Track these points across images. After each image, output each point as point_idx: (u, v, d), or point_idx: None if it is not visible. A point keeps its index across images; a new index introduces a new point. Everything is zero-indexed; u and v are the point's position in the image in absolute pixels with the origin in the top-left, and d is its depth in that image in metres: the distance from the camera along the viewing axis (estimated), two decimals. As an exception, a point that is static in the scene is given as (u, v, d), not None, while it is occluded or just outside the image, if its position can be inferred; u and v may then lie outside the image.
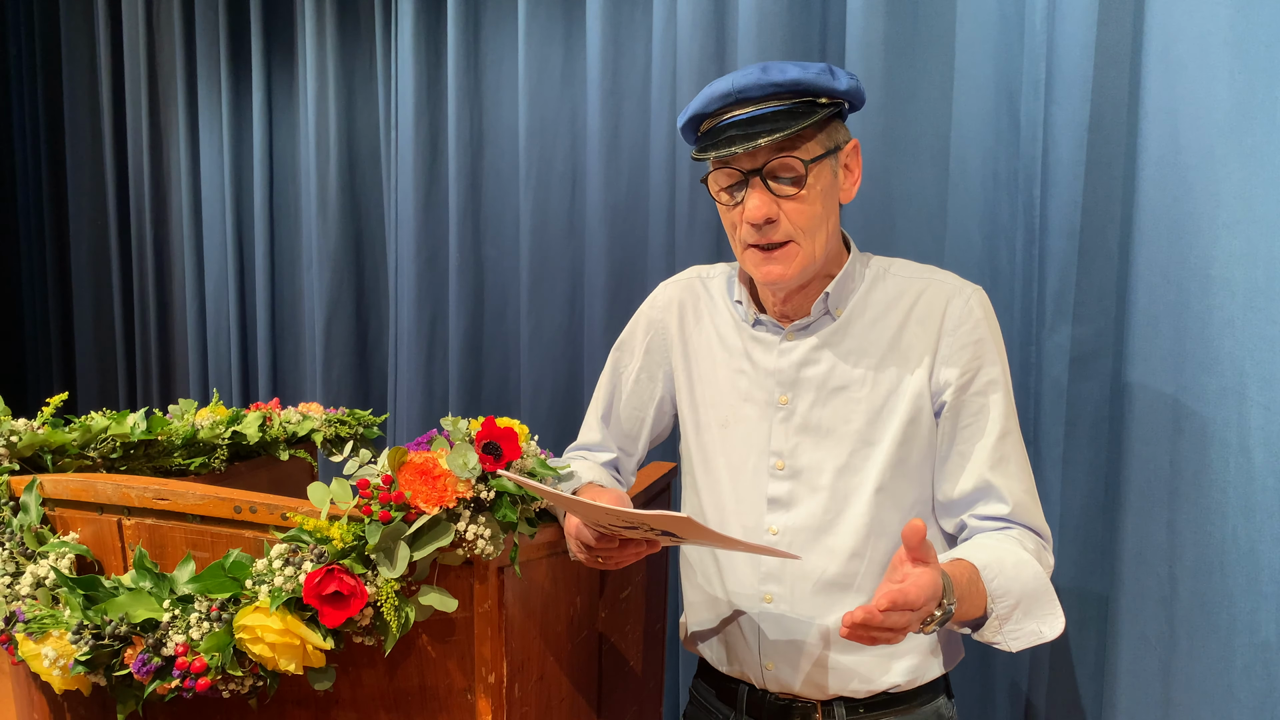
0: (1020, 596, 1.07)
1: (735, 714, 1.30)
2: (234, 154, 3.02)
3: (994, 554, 1.10)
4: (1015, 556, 1.11)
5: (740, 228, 1.17)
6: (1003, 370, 1.19)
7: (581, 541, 1.12)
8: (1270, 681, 1.23)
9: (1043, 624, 1.09)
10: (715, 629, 1.31)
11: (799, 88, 1.12)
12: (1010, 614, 1.08)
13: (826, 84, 1.13)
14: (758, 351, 1.26)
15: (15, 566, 1.20)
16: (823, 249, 1.18)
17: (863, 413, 1.20)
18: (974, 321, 1.18)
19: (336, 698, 1.17)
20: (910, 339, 1.20)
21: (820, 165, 1.15)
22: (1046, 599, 1.10)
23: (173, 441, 1.53)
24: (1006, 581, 1.07)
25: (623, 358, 1.41)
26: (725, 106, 1.15)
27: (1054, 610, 1.10)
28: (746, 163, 1.14)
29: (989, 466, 1.17)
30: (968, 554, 1.10)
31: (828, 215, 1.17)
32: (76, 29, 3.53)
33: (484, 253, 2.48)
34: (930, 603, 0.93)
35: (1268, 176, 1.22)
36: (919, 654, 1.22)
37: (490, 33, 2.43)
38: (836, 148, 1.17)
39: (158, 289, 3.36)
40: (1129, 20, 1.47)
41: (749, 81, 1.12)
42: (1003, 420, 1.17)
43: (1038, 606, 1.09)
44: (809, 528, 1.21)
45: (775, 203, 1.14)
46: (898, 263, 1.26)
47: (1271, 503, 1.22)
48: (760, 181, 1.14)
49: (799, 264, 1.16)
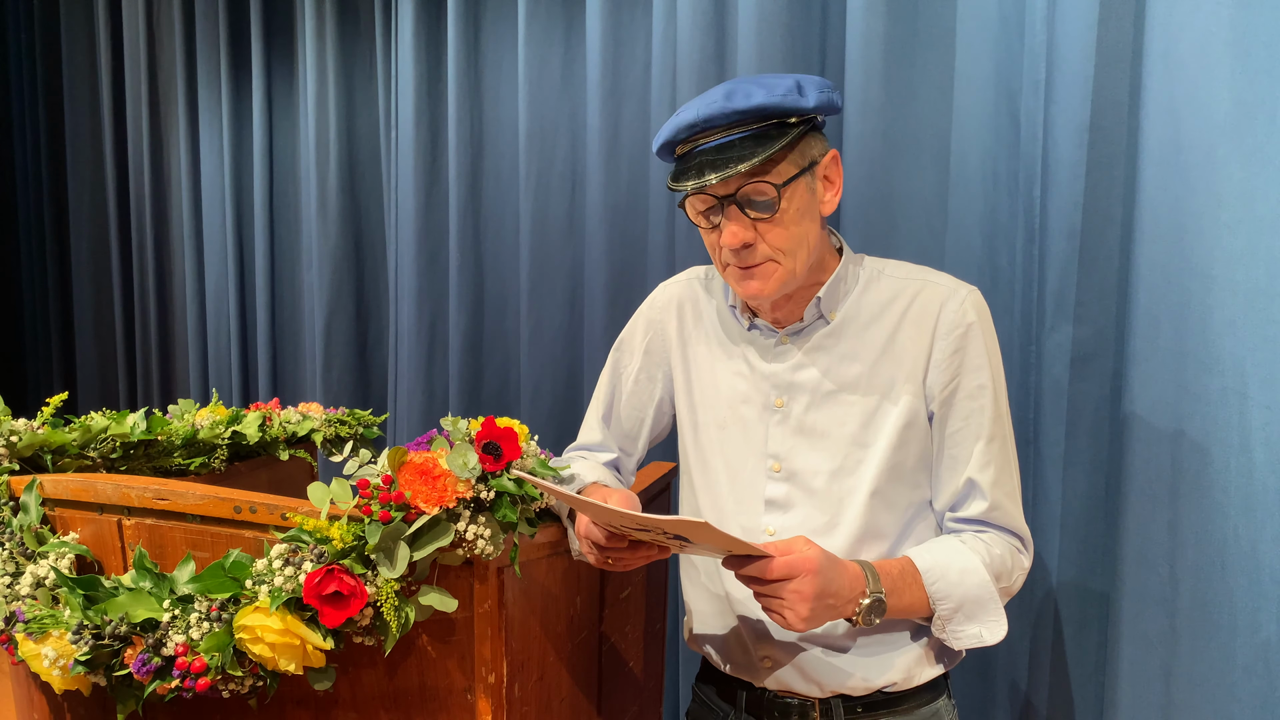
0: (961, 601, 1.14)
1: (735, 712, 1.31)
2: (234, 154, 3.02)
3: (939, 558, 1.15)
4: (962, 564, 1.15)
5: (720, 250, 1.18)
6: (994, 374, 1.19)
7: (592, 541, 1.13)
8: (1271, 680, 1.23)
9: (984, 628, 1.15)
10: (716, 628, 1.31)
11: (764, 112, 1.11)
12: (952, 616, 1.15)
13: (793, 104, 1.11)
14: (754, 354, 1.27)
15: (15, 566, 1.20)
16: (804, 264, 1.18)
17: (857, 416, 1.20)
18: (967, 325, 1.18)
19: (336, 698, 1.17)
20: (904, 342, 1.20)
21: (794, 186, 1.14)
22: (990, 606, 1.15)
23: (173, 441, 1.53)
24: (948, 587, 1.14)
25: (622, 358, 1.41)
26: (691, 137, 1.15)
27: (996, 617, 1.15)
28: (720, 190, 1.13)
29: (974, 469, 1.18)
30: (914, 554, 1.17)
31: (806, 233, 1.17)
32: (76, 29, 3.53)
33: (484, 253, 2.48)
34: (800, 579, 1.02)
35: (1269, 176, 1.22)
36: (917, 654, 1.22)
37: (490, 33, 2.43)
38: (812, 164, 1.16)
39: (158, 289, 3.36)
40: (1129, 20, 1.47)
41: (713, 111, 1.11)
42: (991, 424, 1.18)
43: (981, 612, 1.15)
44: (805, 529, 1.21)
45: (751, 227, 1.14)
46: (892, 264, 1.26)
47: (1272, 502, 1.22)
48: (736, 209, 1.13)
49: (778, 280, 1.17)
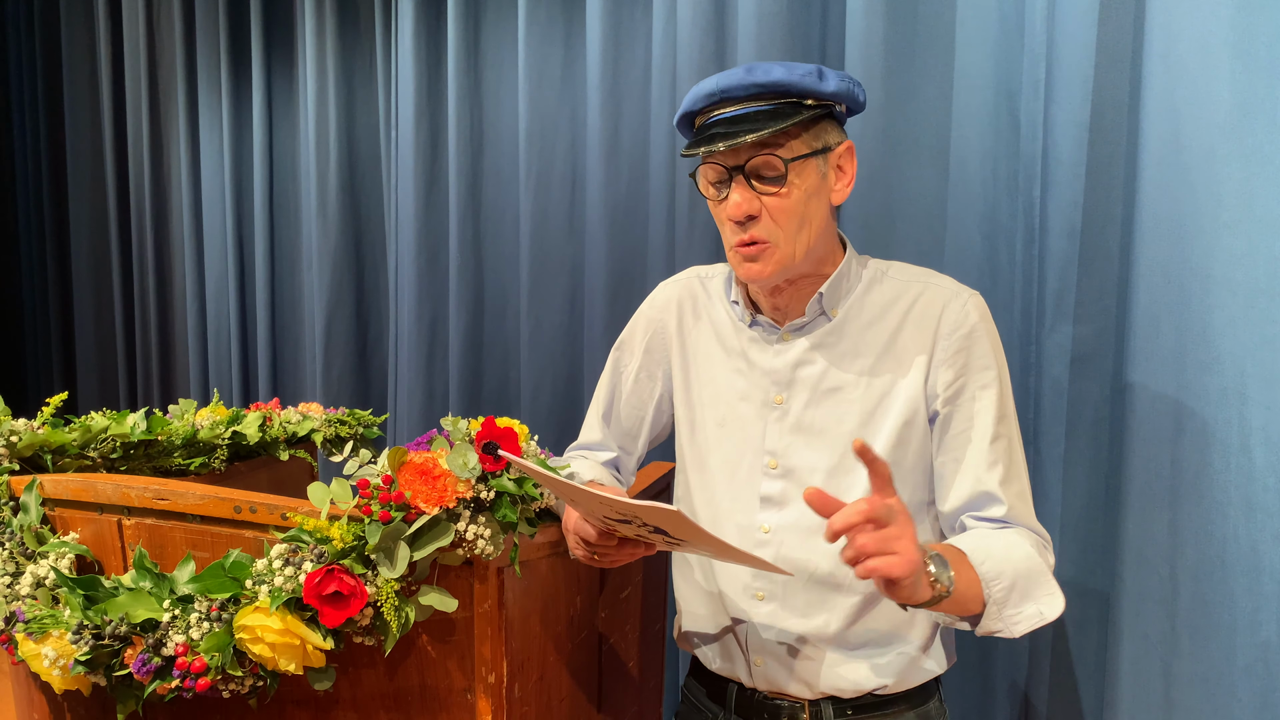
0: (1015, 577, 1.06)
1: (725, 713, 1.30)
2: (234, 154, 3.02)
3: (979, 540, 1.10)
4: (1004, 540, 1.10)
5: (726, 226, 1.20)
6: (998, 375, 1.18)
7: (580, 537, 1.13)
8: (1271, 680, 1.23)
9: (1042, 605, 1.08)
10: (707, 626, 1.31)
11: (781, 89, 1.13)
12: (1008, 597, 1.06)
13: (811, 86, 1.13)
14: (754, 351, 1.27)
15: (15, 566, 1.20)
16: (804, 249, 1.18)
17: (856, 414, 1.20)
18: (970, 326, 1.18)
19: (336, 698, 1.17)
20: (906, 342, 1.20)
21: (803, 164, 1.15)
22: (1043, 578, 1.09)
23: (173, 441, 1.53)
24: (998, 564, 1.06)
25: (623, 357, 1.42)
26: (711, 105, 1.17)
27: (1051, 589, 1.09)
28: (729, 159, 1.15)
29: (983, 471, 1.17)
30: (953, 540, 1.11)
31: (811, 215, 1.17)
32: (76, 29, 3.53)
33: (484, 253, 2.48)
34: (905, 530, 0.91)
35: (1269, 176, 1.22)
36: (909, 657, 1.22)
37: (490, 33, 2.43)
38: (825, 149, 1.17)
39: (158, 289, 3.36)
40: (1129, 20, 1.47)
41: (733, 82, 1.14)
42: (995, 425, 1.17)
43: (1035, 587, 1.08)
44: (800, 527, 1.21)
45: (757, 199, 1.15)
46: (895, 265, 1.26)
47: (1272, 502, 1.22)
48: (743, 179, 1.15)
49: (776, 262, 1.17)
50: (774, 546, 1.22)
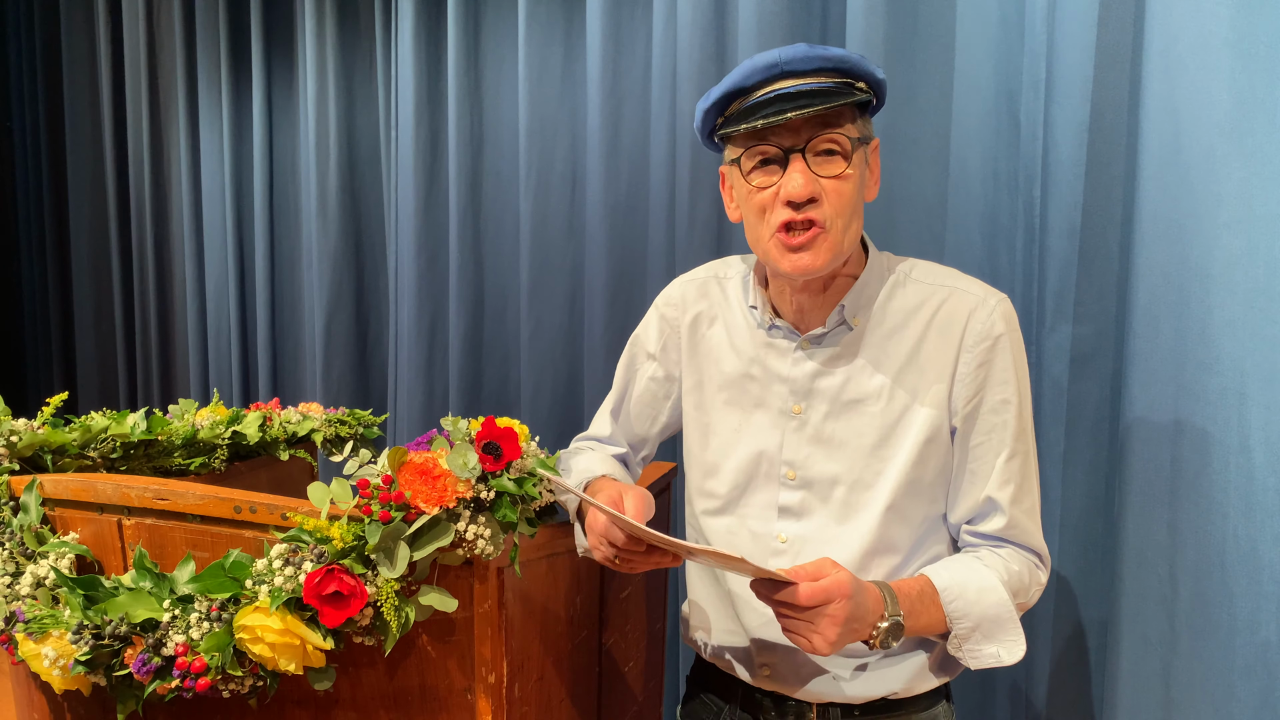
0: (979, 620, 1.12)
1: (730, 708, 1.30)
2: (234, 154, 3.02)
3: (956, 576, 1.13)
4: (980, 582, 1.12)
5: (773, 210, 1.12)
6: (1020, 388, 1.16)
7: (609, 539, 1.11)
8: (1271, 681, 1.23)
9: (1002, 649, 1.12)
10: (717, 624, 1.30)
11: (844, 66, 1.09)
12: (969, 635, 1.12)
13: (869, 69, 1.11)
14: (772, 358, 1.23)
15: (15, 566, 1.20)
16: (853, 240, 1.14)
17: (877, 427, 1.17)
18: (995, 337, 1.14)
19: (336, 698, 1.17)
20: (930, 351, 1.17)
21: (859, 151, 1.13)
22: (1008, 626, 1.12)
23: (173, 441, 1.53)
24: (966, 605, 1.11)
25: (637, 355, 1.39)
26: (767, 79, 1.10)
27: (1015, 637, 1.13)
28: (788, 139, 1.09)
29: (994, 485, 1.16)
30: (931, 572, 1.14)
31: (859, 206, 1.14)
32: (76, 29, 3.53)
33: (484, 253, 2.48)
34: (833, 604, 1.01)
35: (1268, 176, 1.22)
36: (919, 666, 1.21)
37: (490, 33, 2.43)
38: (866, 139, 1.15)
39: (158, 289, 3.36)
40: (1129, 20, 1.47)
41: (795, 54, 1.08)
42: (1013, 440, 1.15)
43: (999, 631, 1.12)
44: (817, 538, 1.20)
45: (817, 181, 1.10)
46: (920, 266, 1.22)
47: (1272, 502, 1.22)
48: (801, 158, 1.09)
49: (828, 250, 1.11)
50: (790, 556, 1.21)
